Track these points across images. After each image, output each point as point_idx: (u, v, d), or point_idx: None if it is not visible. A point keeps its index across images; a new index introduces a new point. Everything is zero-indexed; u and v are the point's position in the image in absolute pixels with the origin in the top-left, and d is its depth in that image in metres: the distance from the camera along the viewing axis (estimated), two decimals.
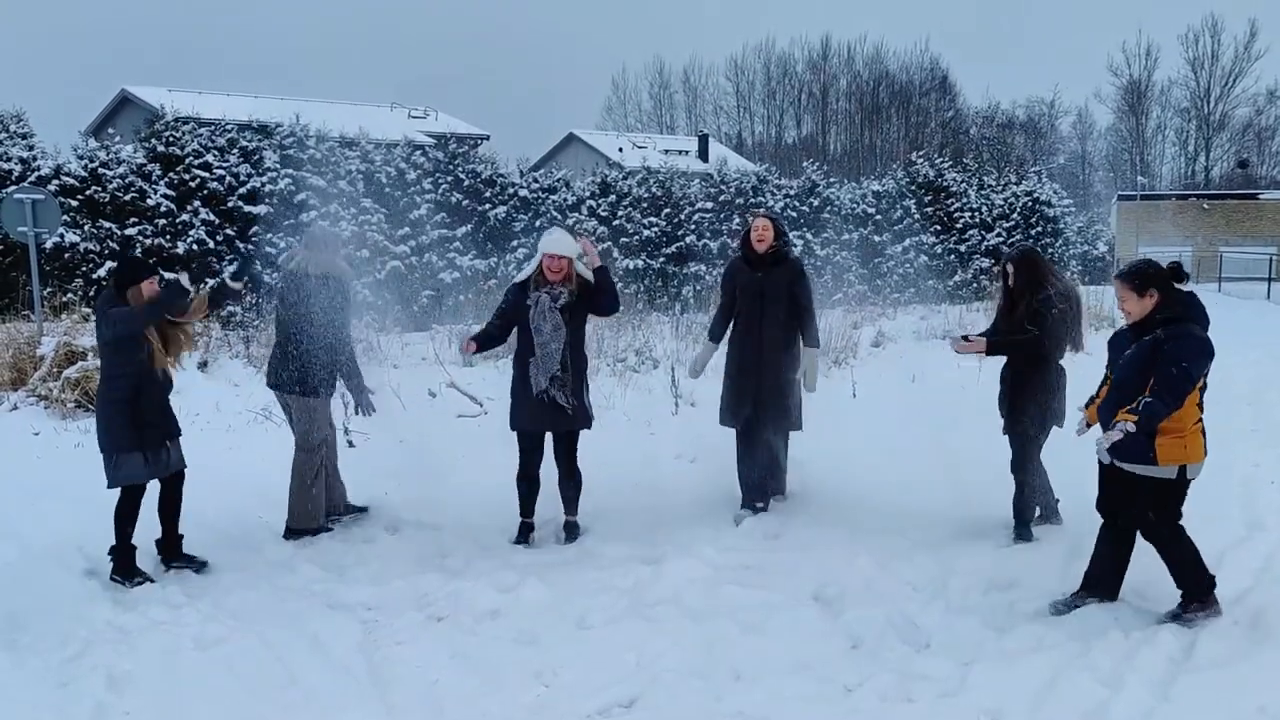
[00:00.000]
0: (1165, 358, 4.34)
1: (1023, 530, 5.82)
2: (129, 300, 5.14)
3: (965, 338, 5.80)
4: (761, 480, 6.51)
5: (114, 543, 5.27)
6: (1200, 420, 4.51)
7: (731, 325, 6.57)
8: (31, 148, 15.11)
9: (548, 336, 5.71)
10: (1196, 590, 4.57)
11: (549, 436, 5.95)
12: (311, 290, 5.81)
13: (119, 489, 5.24)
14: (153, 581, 5.19)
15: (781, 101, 65.41)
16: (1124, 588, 4.92)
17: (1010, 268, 5.71)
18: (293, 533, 5.93)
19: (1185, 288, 4.55)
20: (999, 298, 5.99)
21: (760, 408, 6.40)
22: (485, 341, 5.92)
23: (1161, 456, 4.43)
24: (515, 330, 5.92)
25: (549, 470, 6.01)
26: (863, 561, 5.27)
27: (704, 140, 49.32)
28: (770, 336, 6.33)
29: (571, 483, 6.01)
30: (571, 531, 6.00)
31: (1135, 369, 4.46)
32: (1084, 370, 5.86)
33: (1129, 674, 4.02)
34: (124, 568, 5.23)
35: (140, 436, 5.18)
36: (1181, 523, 4.62)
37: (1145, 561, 5.25)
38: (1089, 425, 5.00)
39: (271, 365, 6.05)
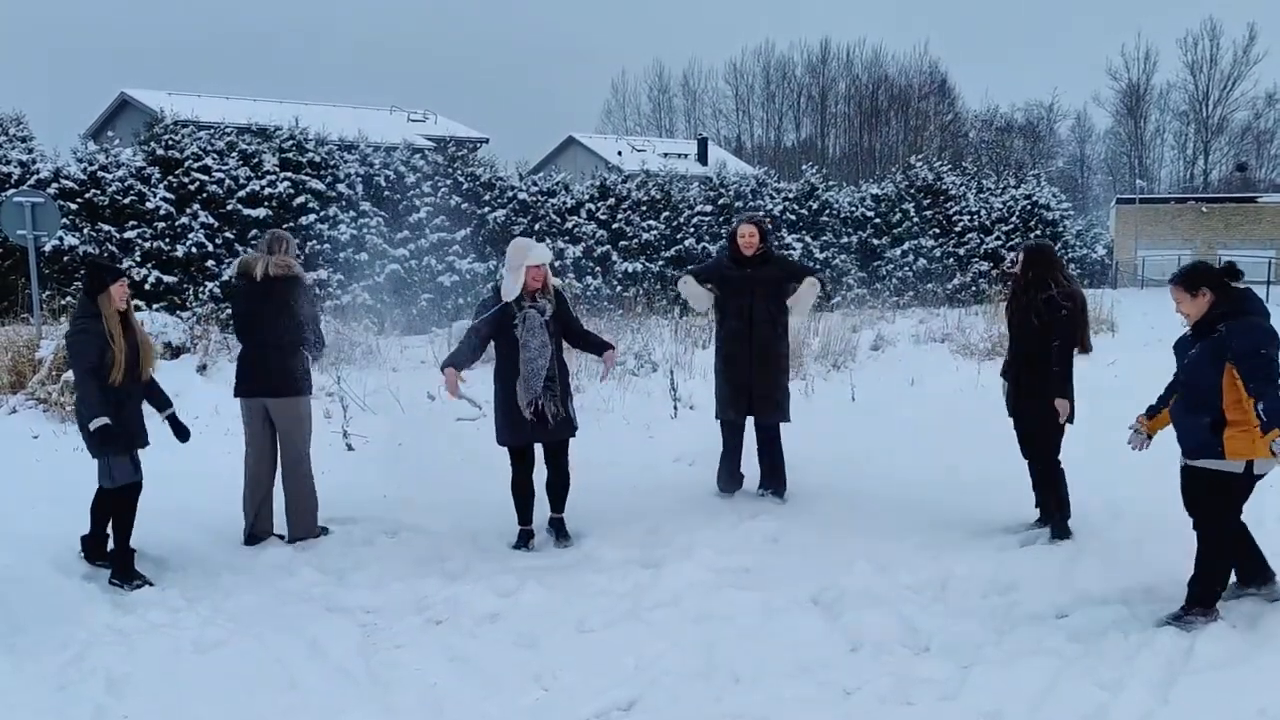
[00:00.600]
0: (1238, 353, 4.31)
1: (1061, 527, 5.77)
2: (99, 306, 5.14)
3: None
4: (738, 471, 6.88)
5: (86, 533, 5.38)
6: None
7: (721, 323, 6.72)
8: (31, 151, 15.12)
9: (535, 352, 5.70)
10: (1206, 598, 4.55)
11: (538, 445, 5.96)
12: (280, 291, 5.77)
13: (111, 490, 5.25)
14: (151, 585, 5.18)
15: (780, 105, 65.39)
16: (1130, 585, 4.94)
17: (1021, 256, 5.73)
18: (297, 540, 5.90)
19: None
20: (1008, 290, 5.97)
21: (754, 401, 6.61)
22: (464, 364, 5.73)
23: (1229, 450, 4.40)
24: (493, 344, 5.84)
25: (541, 475, 6.01)
26: (862, 564, 5.27)
27: (703, 143, 49.30)
28: (761, 331, 6.55)
29: (560, 483, 6.02)
30: (559, 528, 6.00)
31: (1202, 368, 4.44)
32: (1087, 371, 5.85)
33: (1128, 677, 4.02)
34: (123, 571, 5.23)
35: (128, 440, 5.21)
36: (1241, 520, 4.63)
37: (1155, 557, 5.26)
38: (1149, 435, 4.97)
39: (246, 373, 5.92)
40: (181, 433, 5.59)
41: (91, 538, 5.43)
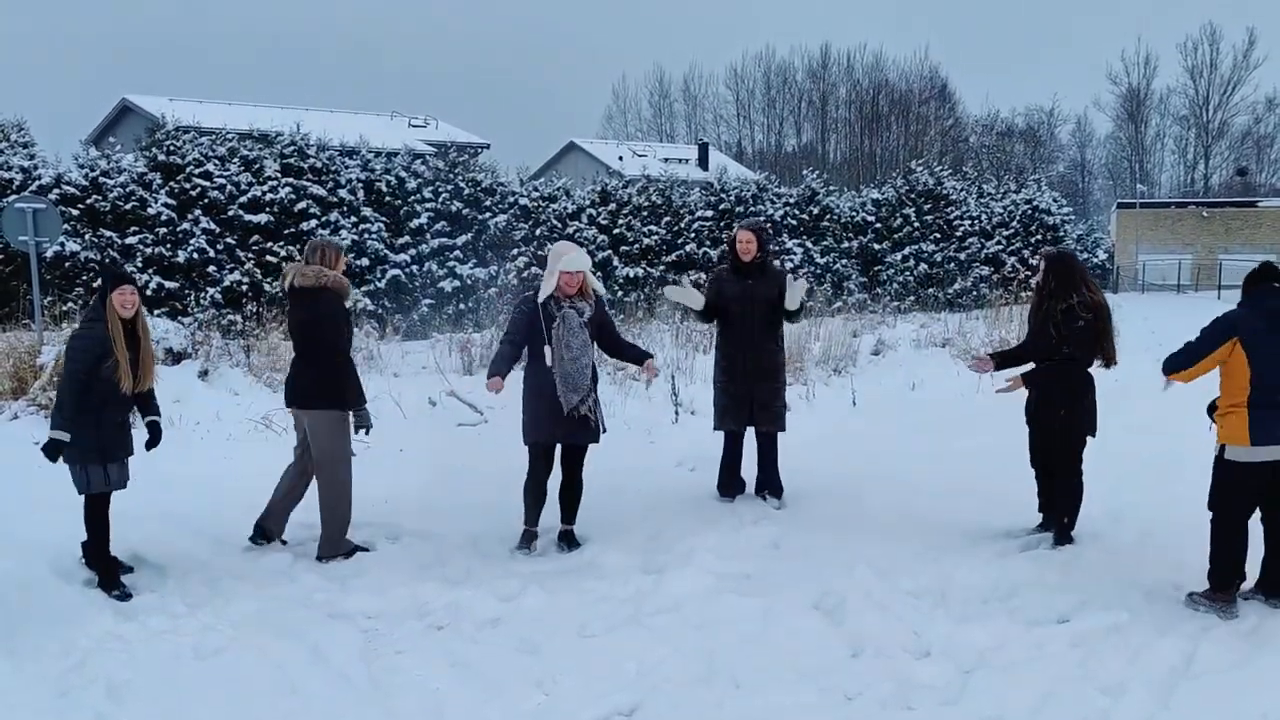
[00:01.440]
0: None
1: (1064, 532, 5.76)
2: (106, 310, 5.17)
3: (984, 358, 5.86)
4: (738, 477, 6.95)
5: (84, 540, 5.32)
6: (1243, 405, 4.57)
7: (721, 333, 6.75)
8: (32, 157, 15.15)
9: (577, 352, 5.72)
10: (1212, 580, 4.73)
11: (559, 446, 5.96)
12: (304, 301, 5.72)
13: (84, 498, 5.25)
14: (130, 597, 5.14)
15: (781, 110, 65.49)
16: (1131, 590, 4.96)
17: (1042, 265, 5.74)
18: (325, 559, 5.76)
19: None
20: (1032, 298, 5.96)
21: (755, 411, 6.68)
22: (507, 367, 5.77)
23: (1218, 432, 4.72)
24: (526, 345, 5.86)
25: (554, 482, 6.01)
26: (862, 570, 5.27)
27: (704, 148, 49.38)
28: (761, 341, 6.62)
29: (572, 492, 6.02)
30: (569, 540, 6.00)
31: None
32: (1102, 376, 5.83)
33: (1130, 682, 4.02)
34: (106, 579, 5.23)
35: (101, 449, 5.18)
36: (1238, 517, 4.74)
37: (1156, 562, 5.26)
38: None
39: (286, 381, 5.93)
40: (154, 438, 5.54)
41: (90, 544, 5.43)
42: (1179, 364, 4.77)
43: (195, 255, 15.38)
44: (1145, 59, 67.10)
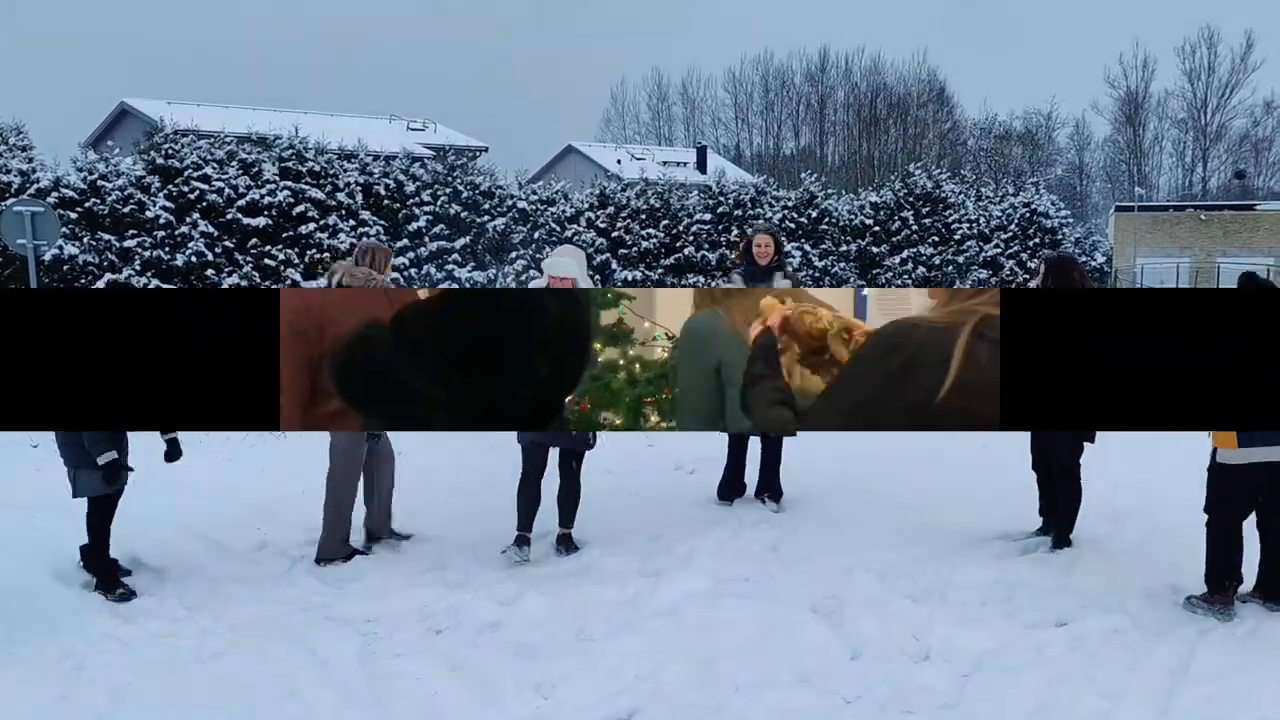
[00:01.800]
0: None
1: (1062, 535, 5.76)
2: None
3: None
4: (740, 481, 6.96)
5: (85, 543, 5.31)
6: None
7: None
8: (31, 160, 15.12)
9: None
10: (1209, 583, 4.77)
11: (554, 450, 5.96)
12: None
13: (88, 500, 5.24)
14: (134, 595, 5.14)
15: (779, 113, 65.51)
16: (1130, 594, 4.96)
17: (1043, 268, 5.76)
18: (324, 561, 5.73)
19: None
20: None
21: None
22: None
23: (1212, 437, 4.77)
24: None
25: (548, 485, 6.01)
26: (861, 573, 5.28)
27: (702, 152, 49.40)
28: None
29: (570, 496, 6.01)
30: (566, 544, 5.99)
31: None
32: None
33: (1129, 686, 4.03)
34: (105, 581, 5.23)
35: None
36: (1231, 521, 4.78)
37: (1155, 566, 5.27)
38: None
39: None
40: (173, 453, 5.53)
41: (90, 547, 5.43)
42: None
43: (194, 258, 15.37)
44: (1143, 62, 66.73)
